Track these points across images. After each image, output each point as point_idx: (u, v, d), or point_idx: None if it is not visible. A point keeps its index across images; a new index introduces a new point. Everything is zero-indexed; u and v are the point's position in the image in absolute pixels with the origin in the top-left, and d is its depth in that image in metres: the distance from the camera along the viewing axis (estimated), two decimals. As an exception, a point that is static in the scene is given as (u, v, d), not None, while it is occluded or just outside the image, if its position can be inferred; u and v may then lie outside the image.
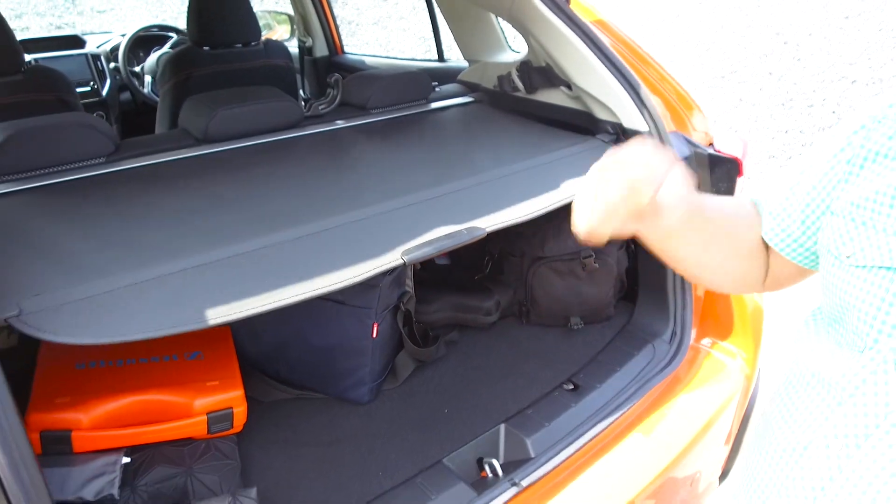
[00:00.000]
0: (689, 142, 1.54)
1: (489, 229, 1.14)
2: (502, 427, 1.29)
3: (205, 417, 1.18)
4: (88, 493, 1.06)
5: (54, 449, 1.10)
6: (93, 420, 1.11)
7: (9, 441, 0.75)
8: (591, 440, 1.28)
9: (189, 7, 2.43)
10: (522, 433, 1.27)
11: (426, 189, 1.27)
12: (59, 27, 5.63)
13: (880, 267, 0.59)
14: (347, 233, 1.12)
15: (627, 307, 1.67)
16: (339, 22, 3.16)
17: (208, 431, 1.19)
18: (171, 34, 3.38)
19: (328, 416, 1.35)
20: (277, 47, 2.77)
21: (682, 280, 1.55)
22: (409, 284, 1.45)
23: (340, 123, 1.72)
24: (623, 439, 1.32)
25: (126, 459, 1.12)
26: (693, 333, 1.60)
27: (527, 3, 1.60)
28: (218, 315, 0.91)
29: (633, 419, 1.38)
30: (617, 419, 1.33)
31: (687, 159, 1.50)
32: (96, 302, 0.92)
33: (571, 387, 1.40)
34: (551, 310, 1.60)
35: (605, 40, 1.59)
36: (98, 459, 1.10)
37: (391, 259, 1.04)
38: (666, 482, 1.28)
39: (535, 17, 1.60)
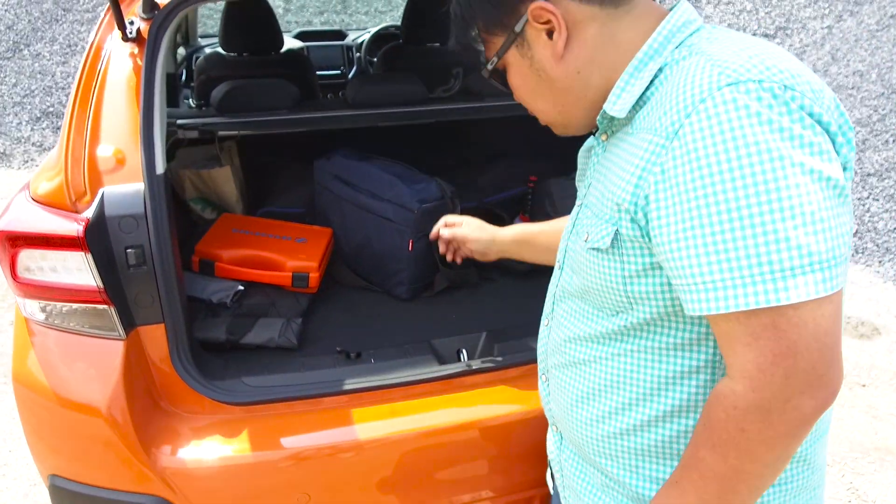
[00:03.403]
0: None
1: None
2: (484, 334, 1.71)
3: (290, 274, 1.82)
4: (215, 297, 1.77)
5: (205, 270, 1.83)
6: (227, 258, 1.83)
7: (165, 259, 1.43)
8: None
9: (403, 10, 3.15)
10: (495, 341, 1.68)
11: None
12: (347, 25, 7.01)
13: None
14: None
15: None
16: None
17: (292, 284, 1.83)
18: None
19: (376, 299, 1.92)
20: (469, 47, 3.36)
21: None
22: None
23: (451, 104, 2.26)
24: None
25: (241, 287, 1.80)
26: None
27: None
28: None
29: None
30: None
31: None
32: None
33: None
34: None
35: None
36: (226, 282, 1.81)
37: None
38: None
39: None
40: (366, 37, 4.15)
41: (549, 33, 0.83)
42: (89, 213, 1.38)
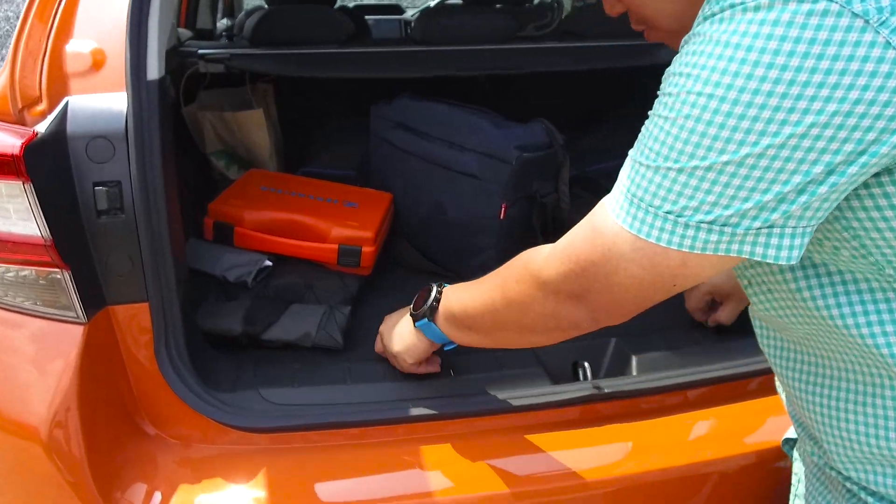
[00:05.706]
0: None
1: None
2: (613, 340, 1.17)
3: (336, 247, 1.31)
4: (231, 275, 1.27)
5: (221, 238, 1.34)
6: (251, 222, 1.33)
7: (153, 203, 0.94)
8: (713, 383, 1.09)
9: None
10: (631, 350, 1.14)
11: None
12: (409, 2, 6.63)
13: None
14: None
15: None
16: None
17: (337, 262, 1.32)
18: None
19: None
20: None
21: None
22: (564, 190, 1.40)
23: (545, 44, 1.77)
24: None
25: (268, 262, 1.31)
26: None
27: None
28: None
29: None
30: (755, 373, 1.11)
31: None
32: None
33: (714, 327, 1.21)
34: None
35: None
36: (248, 254, 1.31)
37: None
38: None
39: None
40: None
41: None
42: (41, 126, 0.91)
